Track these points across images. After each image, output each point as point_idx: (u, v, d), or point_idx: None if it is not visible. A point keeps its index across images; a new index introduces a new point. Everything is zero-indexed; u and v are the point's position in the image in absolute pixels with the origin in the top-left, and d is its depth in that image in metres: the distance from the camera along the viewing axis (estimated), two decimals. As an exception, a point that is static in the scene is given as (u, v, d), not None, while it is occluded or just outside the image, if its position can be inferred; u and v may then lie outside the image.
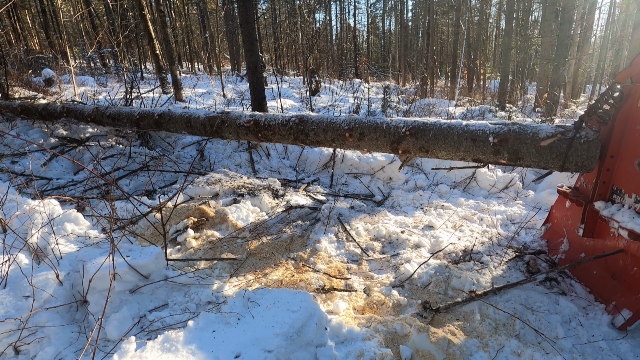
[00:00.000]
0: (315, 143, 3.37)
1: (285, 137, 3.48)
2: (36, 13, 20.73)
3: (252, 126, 3.62)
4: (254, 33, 6.05)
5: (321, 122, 3.25)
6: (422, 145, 2.76)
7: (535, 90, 12.78)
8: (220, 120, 3.87)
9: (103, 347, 2.06)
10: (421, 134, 2.74)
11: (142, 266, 2.43)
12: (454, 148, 2.64)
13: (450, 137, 2.63)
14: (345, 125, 3.09)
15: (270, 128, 3.52)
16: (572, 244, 2.86)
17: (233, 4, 20.81)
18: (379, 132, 2.93)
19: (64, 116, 5.44)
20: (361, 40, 38.54)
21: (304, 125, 3.32)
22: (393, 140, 2.87)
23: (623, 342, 2.14)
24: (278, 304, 1.98)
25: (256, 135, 3.66)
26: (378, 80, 25.17)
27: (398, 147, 2.88)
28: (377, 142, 2.97)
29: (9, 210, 2.89)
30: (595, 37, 24.26)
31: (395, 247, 3.34)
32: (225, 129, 3.85)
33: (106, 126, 5.22)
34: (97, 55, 17.36)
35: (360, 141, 3.05)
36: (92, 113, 5.13)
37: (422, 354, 1.97)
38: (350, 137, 3.06)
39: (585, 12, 13.71)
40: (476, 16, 22.06)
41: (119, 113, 4.84)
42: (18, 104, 5.91)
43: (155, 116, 4.43)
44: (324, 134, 3.22)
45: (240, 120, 3.72)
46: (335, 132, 3.14)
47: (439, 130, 2.68)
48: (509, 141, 2.42)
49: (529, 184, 4.79)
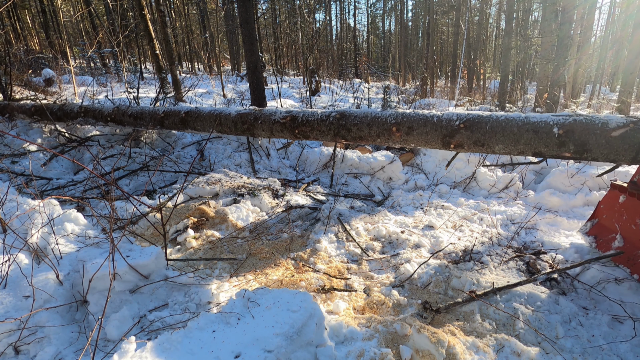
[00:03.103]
0: (358, 139, 3.25)
1: (324, 133, 3.37)
2: (36, 13, 20.73)
3: (289, 122, 3.51)
4: (254, 33, 6.05)
5: (365, 116, 3.13)
6: (477, 139, 2.65)
7: (535, 90, 12.78)
8: (253, 117, 3.76)
9: (103, 347, 2.06)
10: (477, 126, 2.63)
11: (142, 266, 2.43)
12: (512, 141, 2.52)
13: (509, 130, 2.51)
14: (392, 120, 2.98)
15: (308, 124, 3.42)
16: (628, 239, 2.77)
17: (233, 4, 20.80)
18: (430, 126, 2.81)
19: (81, 116, 5.26)
20: (361, 40, 38.53)
21: (345, 120, 3.21)
22: (445, 134, 2.76)
23: (623, 342, 2.14)
24: (278, 304, 1.98)
25: (292, 132, 3.55)
26: (378, 80, 25.16)
27: (450, 142, 2.77)
28: (426, 137, 2.86)
29: (9, 210, 2.89)
30: (595, 37, 24.26)
31: (395, 247, 3.34)
32: (258, 125, 3.73)
33: (127, 126, 5.08)
34: (97, 55, 17.35)
35: (408, 136, 2.94)
36: (112, 113, 4.94)
37: (422, 354, 1.97)
38: (397, 131, 2.95)
39: (585, 12, 13.71)
40: (476, 16, 22.05)
41: (141, 112, 4.70)
42: (31, 105, 5.73)
43: (182, 114, 4.31)
44: (368, 129, 3.11)
45: (275, 117, 3.61)
46: (381, 127, 3.04)
47: (496, 122, 2.57)
48: (576, 132, 2.28)
49: (529, 184, 4.79)
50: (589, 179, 4.30)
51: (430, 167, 5.23)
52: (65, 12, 21.22)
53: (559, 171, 4.49)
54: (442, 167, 5.14)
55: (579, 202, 4.07)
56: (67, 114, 5.41)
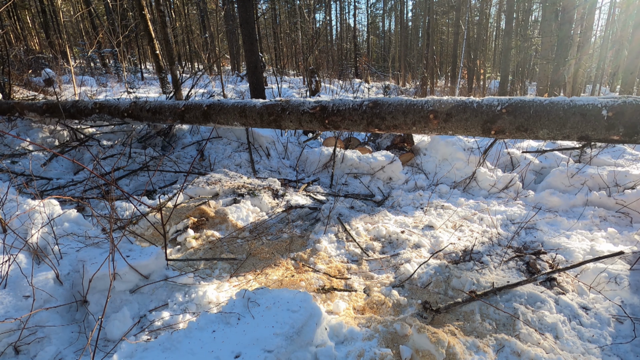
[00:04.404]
0: (392, 128, 3.19)
1: (356, 122, 3.30)
2: (36, 13, 20.72)
3: (318, 112, 3.45)
4: (254, 33, 6.05)
5: (400, 104, 3.07)
6: (520, 124, 2.60)
7: (535, 90, 12.77)
8: (280, 109, 3.69)
9: (103, 347, 2.06)
10: (520, 111, 2.58)
11: (142, 266, 2.43)
12: (558, 125, 2.48)
13: (554, 113, 2.47)
14: (429, 107, 2.92)
15: (339, 113, 3.35)
16: None
17: (233, 4, 20.81)
18: (469, 112, 2.77)
19: (96, 113, 5.15)
20: (361, 40, 38.53)
21: (379, 109, 3.14)
22: (486, 120, 2.71)
23: (623, 342, 2.14)
24: (278, 304, 1.98)
25: (322, 122, 3.49)
26: (378, 80, 25.16)
27: (491, 128, 2.72)
28: (466, 123, 2.81)
29: (9, 210, 2.88)
30: (595, 37, 24.26)
31: (395, 247, 3.34)
32: (286, 117, 3.67)
33: (144, 121, 4.99)
34: (97, 55, 17.35)
35: (446, 123, 2.88)
36: (129, 108, 4.82)
37: (422, 354, 1.97)
38: (435, 118, 2.89)
39: (585, 12, 13.71)
40: (476, 16, 22.05)
41: (160, 106, 4.61)
42: (43, 103, 5.62)
43: (204, 107, 4.21)
44: (403, 117, 3.05)
45: (303, 107, 3.54)
46: (417, 115, 2.97)
47: (540, 106, 2.53)
48: (626, 114, 2.24)
49: (529, 184, 4.79)
50: (589, 179, 4.30)
51: (430, 167, 5.23)
52: (65, 12, 21.22)
53: (559, 171, 4.49)
54: (442, 167, 5.14)
55: (579, 202, 4.07)
56: (81, 111, 5.30)
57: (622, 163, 4.79)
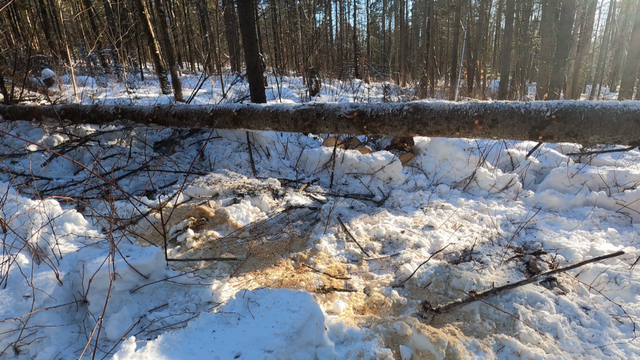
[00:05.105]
0: (434, 133, 3.19)
1: (396, 128, 3.29)
2: (36, 13, 20.72)
3: (356, 118, 3.44)
4: (254, 33, 6.05)
5: (442, 109, 3.06)
6: (570, 130, 2.58)
7: (535, 90, 12.78)
8: (315, 114, 3.68)
9: (103, 347, 2.06)
10: (570, 117, 2.56)
11: (142, 266, 2.43)
12: (610, 131, 2.46)
13: (606, 119, 2.45)
14: (473, 112, 2.91)
15: (378, 119, 3.34)
16: None
17: (233, 4, 20.81)
18: (516, 118, 2.75)
19: (118, 118, 5.04)
20: (361, 40, 38.52)
21: (421, 114, 3.13)
22: (534, 126, 2.69)
23: (623, 342, 2.14)
24: (278, 304, 1.98)
25: (360, 128, 3.48)
26: (378, 80, 25.15)
27: (539, 133, 2.70)
28: (512, 129, 2.79)
29: (9, 210, 2.89)
30: (595, 37, 24.27)
31: (395, 247, 3.34)
32: (321, 122, 3.66)
33: (170, 126, 4.93)
34: (97, 55, 17.35)
35: (492, 128, 2.87)
36: (153, 113, 4.75)
37: (422, 354, 1.97)
38: (480, 124, 2.89)
39: (585, 12, 13.71)
40: (476, 16, 22.05)
41: (186, 111, 4.52)
42: (61, 107, 5.41)
43: (234, 112, 4.16)
44: (446, 123, 3.04)
45: (339, 112, 3.53)
46: (462, 120, 2.97)
47: (591, 112, 2.50)
48: None
49: (529, 184, 4.79)
50: (589, 179, 4.30)
51: (430, 167, 5.23)
52: (65, 12, 21.22)
53: (559, 171, 4.49)
54: (442, 167, 5.14)
55: (579, 202, 4.07)
56: (102, 116, 5.15)
57: (622, 163, 4.79)
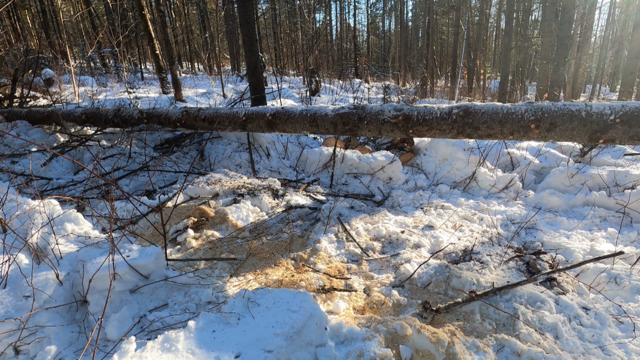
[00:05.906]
0: (485, 136, 3.11)
1: (445, 132, 3.21)
2: (36, 13, 20.72)
3: (401, 122, 3.37)
4: (254, 33, 6.06)
5: (495, 113, 2.96)
6: (635, 134, 2.51)
7: (535, 90, 12.78)
8: (357, 118, 3.58)
9: (103, 347, 2.06)
10: (636, 120, 2.48)
11: (142, 266, 2.43)
12: None
13: None
14: (529, 115, 2.81)
15: (425, 123, 3.25)
16: None
17: (233, 4, 20.81)
18: (576, 122, 2.65)
19: (143, 122, 4.91)
20: (361, 40, 38.53)
21: (471, 117, 3.04)
22: (595, 130, 2.60)
23: (624, 342, 2.14)
24: (278, 304, 1.98)
25: (405, 131, 3.42)
26: (378, 80, 25.16)
27: (600, 137, 2.62)
28: (571, 133, 2.70)
29: (9, 210, 2.88)
30: (595, 37, 24.28)
31: (395, 247, 3.34)
32: (363, 126, 3.57)
33: (199, 130, 4.81)
34: (97, 55, 17.36)
35: (549, 132, 2.78)
36: (181, 117, 4.63)
37: (422, 354, 1.97)
38: (536, 128, 2.79)
39: (585, 12, 13.71)
40: (476, 16, 22.05)
41: (217, 115, 4.40)
42: (81, 112, 5.30)
43: (268, 116, 4.07)
44: (499, 127, 2.94)
45: (383, 116, 3.43)
46: (516, 124, 2.87)
47: None
48: None
49: (529, 184, 4.79)
50: (589, 179, 4.30)
51: (430, 167, 5.23)
52: (65, 12, 21.22)
53: (559, 171, 4.49)
54: (442, 167, 5.14)
55: (579, 202, 4.07)
56: (126, 120, 5.00)
57: (622, 163, 4.79)
